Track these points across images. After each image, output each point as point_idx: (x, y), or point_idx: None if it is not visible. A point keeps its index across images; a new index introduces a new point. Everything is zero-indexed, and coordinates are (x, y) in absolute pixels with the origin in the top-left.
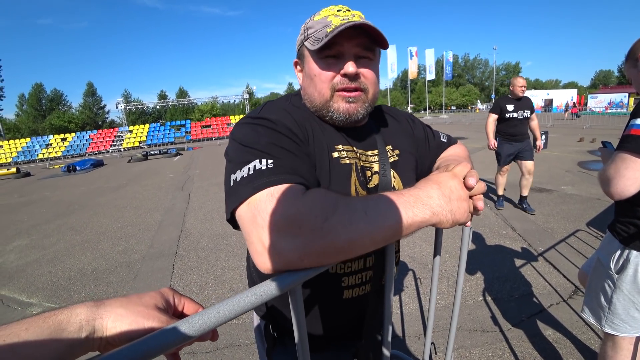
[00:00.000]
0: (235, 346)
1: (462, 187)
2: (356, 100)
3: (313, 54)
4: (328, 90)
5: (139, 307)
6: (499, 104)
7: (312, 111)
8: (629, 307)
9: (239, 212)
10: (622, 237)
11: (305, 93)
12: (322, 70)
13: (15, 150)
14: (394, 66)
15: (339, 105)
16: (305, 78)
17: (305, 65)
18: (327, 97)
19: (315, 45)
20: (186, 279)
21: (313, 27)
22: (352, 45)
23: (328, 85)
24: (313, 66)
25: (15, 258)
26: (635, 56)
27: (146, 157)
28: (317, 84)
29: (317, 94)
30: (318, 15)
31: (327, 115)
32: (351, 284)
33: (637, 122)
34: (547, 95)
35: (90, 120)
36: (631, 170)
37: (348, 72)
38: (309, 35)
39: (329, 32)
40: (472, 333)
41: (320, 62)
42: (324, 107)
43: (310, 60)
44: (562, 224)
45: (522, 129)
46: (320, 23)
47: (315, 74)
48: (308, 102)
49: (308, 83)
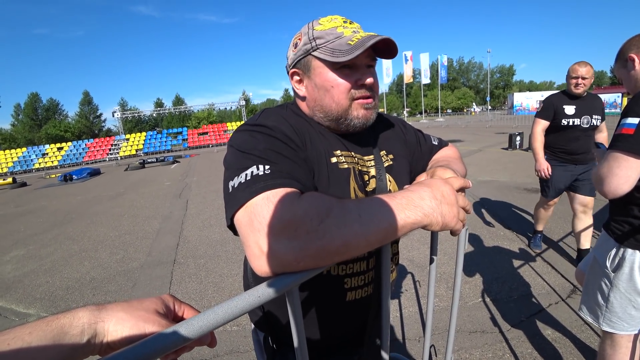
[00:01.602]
0: (235, 352)
1: (453, 193)
2: (372, 107)
3: (329, 64)
4: (347, 100)
5: (139, 311)
6: (552, 103)
7: (323, 121)
8: (626, 305)
9: (237, 216)
10: (617, 236)
11: (317, 104)
12: (341, 80)
13: (12, 160)
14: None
15: (358, 112)
16: (316, 89)
17: (315, 76)
18: (345, 107)
19: (339, 57)
20: (185, 286)
21: (323, 37)
22: (364, 56)
23: (347, 96)
24: (330, 77)
25: (13, 269)
26: (624, 57)
27: (143, 165)
28: (334, 95)
29: (334, 105)
30: (320, 26)
31: (344, 124)
32: (354, 285)
33: (628, 121)
34: (541, 96)
35: (87, 129)
36: (623, 169)
37: (367, 83)
38: (320, 45)
39: (354, 45)
40: (471, 334)
41: (337, 72)
42: (342, 116)
43: (324, 70)
44: (559, 223)
45: (586, 145)
46: (331, 34)
47: (333, 85)
48: (321, 112)
49: (322, 94)
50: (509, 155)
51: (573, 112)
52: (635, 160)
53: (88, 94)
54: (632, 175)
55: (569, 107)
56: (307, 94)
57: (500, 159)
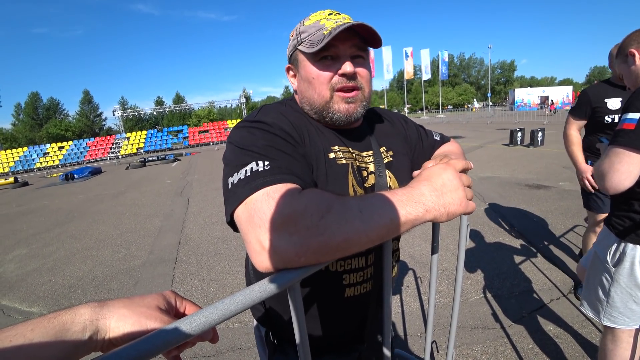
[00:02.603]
0: (237, 349)
1: (455, 177)
2: (355, 100)
3: (309, 57)
4: (327, 91)
5: (141, 307)
6: (587, 99)
7: (311, 114)
8: (627, 299)
9: (237, 213)
10: (618, 231)
11: (304, 97)
12: (321, 71)
13: (13, 160)
14: (389, 67)
15: (339, 106)
16: (302, 82)
17: (301, 69)
18: (327, 98)
19: (313, 48)
20: (187, 284)
21: (306, 31)
22: (348, 46)
23: (327, 86)
24: (311, 69)
25: (15, 267)
26: (625, 52)
27: (144, 163)
28: (316, 86)
29: (316, 96)
30: (308, 20)
31: (327, 117)
32: (353, 281)
33: (629, 116)
34: (542, 92)
35: (88, 128)
36: (625, 164)
37: (347, 72)
38: (303, 39)
39: (326, 34)
40: (473, 330)
41: (318, 64)
42: (324, 109)
43: (307, 63)
44: (560, 219)
45: None
46: (313, 27)
47: (314, 76)
48: (307, 105)
49: (306, 86)
50: (510, 152)
51: (619, 105)
52: (637, 156)
53: (88, 92)
54: (634, 170)
55: (613, 100)
56: (297, 88)
57: (501, 155)
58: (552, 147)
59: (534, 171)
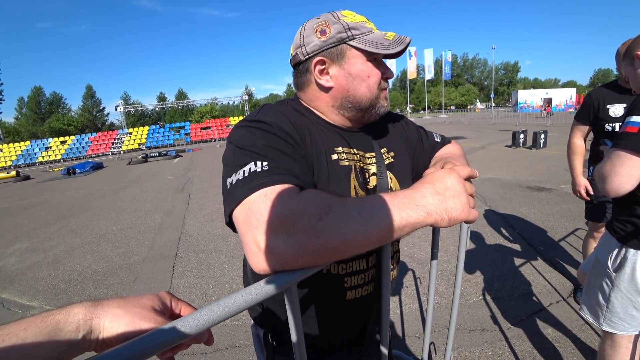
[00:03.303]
0: (235, 347)
1: (459, 183)
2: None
3: (367, 54)
4: (377, 90)
5: (136, 308)
6: (590, 101)
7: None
8: (627, 305)
9: (235, 213)
10: (620, 236)
11: (349, 94)
12: (377, 70)
13: (15, 154)
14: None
15: (382, 102)
16: (348, 77)
17: (351, 65)
18: (376, 96)
19: (382, 50)
20: (186, 280)
21: (358, 28)
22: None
23: (378, 86)
24: (368, 66)
25: (16, 261)
26: (631, 55)
27: (146, 159)
28: (371, 84)
29: (369, 93)
30: (347, 18)
31: (371, 112)
32: (354, 284)
33: (632, 119)
34: (546, 94)
35: (90, 122)
36: (626, 168)
37: (390, 76)
38: (356, 35)
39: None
40: (471, 332)
41: (371, 63)
42: (372, 104)
43: (363, 60)
44: (561, 222)
45: None
46: (363, 27)
47: (370, 75)
48: (351, 102)
49: (357, 83)
50: (513, 153)
51: (622, 112)
52: (638, 159)
53: (91, 87)
54: (635, 174)
55: (616, 106)
56: (335, 84)
57: (503, 156)
58: (555, 150)
59: (536, 173)
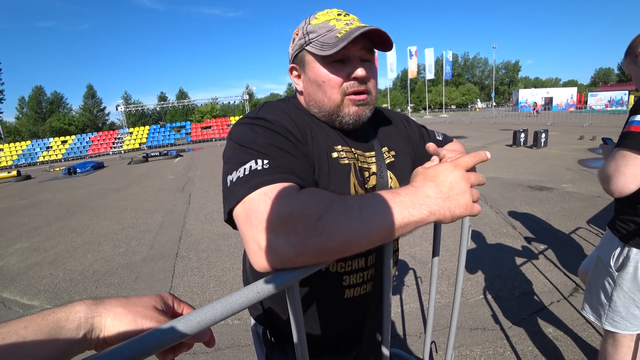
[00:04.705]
0: (236, 346)
1: (463, 179)
2: (365, 103)
3: (320, 59)
4: (339, 95)
5: (138, 307)
6: None
7: (319, 116)
8: (629, 304)
9: (235, 212)
10: (622, 235)
11: (311, 99)
12: (332, 75)
13: (16, 153)
14: (393, 66)
15: (349, 109)
16: (310, 84)
17: (309, 71)
18: (337, 102)
19: (326, 51)
20: (187, 280)
21: (315, 31)
22: (357, 49)
23: (338, 90)
24: (321, 72)
25: (17, 261)
26: (635, 52)
27: (146, 158)
28: (326, 90)
29: (327, 100)
30: (316, 20)
31: (337, 120)
32: (352, 283)
33: (637, 119)
34: (547, 93)
35: (91, 122)
36: (631, 167)
37: (359, 76)
38: (312, 39)
39: (341, 38)
40: (472, 331)
41: (328, 67)
42: (334, 112)
43: (316, 65)
44: (562, 221)
45: None
46: (323, 27)
47: (325, 80)
48: (315, 108)
49: (315, 89)
50: (513, 152)
51: None
52: None
53: (92, 87)
54: None
55: None
56: (303, 90)
57: (504, 156)
58: (555, 149)
59: (537, 172)
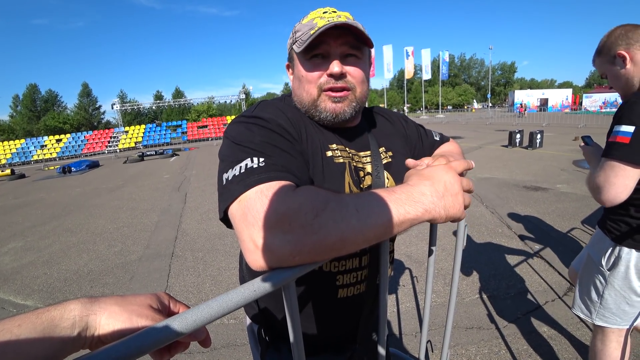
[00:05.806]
0: (232, 346)
1: (456, 181)
2: (342, 100)
3: (300, 55)
4: (315, 90)
5: (133, 305)
6: None
7: (302, 112)
8: (620, 301)
9: (231, 210)
10: (614, 235)
11: (295, 94)
12: (309, 71)
13: (10, 152)
14: (390, 66)
15: (325, 105)
16: (295, 80)
17: (295, 68)
18: (314, 97)
19: (300, 47)
20: (183, 279)
21: (300, 30)
22: (338, 44)
23: (315, 86)
24: (300, 68)
25: (11, 260)
26: (612, 52)
27: (142, 157)
28: (304, 85)
29: (305, 95)
30: (306, 19)
31: (316, 115)
32: (346, 282)
33: (622, 129)
34: (542, 94)
35: (86, 121)
36: (621, 178)
37: (333, 72)
38: (297, 38)
39: (312, 34)
40: (468, 330)
41: (307, 63)
42: (312, 107)
43: (297, 62)
44: (557, 221)
45: None
46: (307, 26)
47: (303, 75)
48: (298, 103)
49: (297, 85)
50: (509, 153)
51: None
52: (633, 169)
53: (87, 85)
54: (630, 184)
55: None
56: (292, 86)
57: (500, 156)
58: (550, 149)
59: (532, 173)
